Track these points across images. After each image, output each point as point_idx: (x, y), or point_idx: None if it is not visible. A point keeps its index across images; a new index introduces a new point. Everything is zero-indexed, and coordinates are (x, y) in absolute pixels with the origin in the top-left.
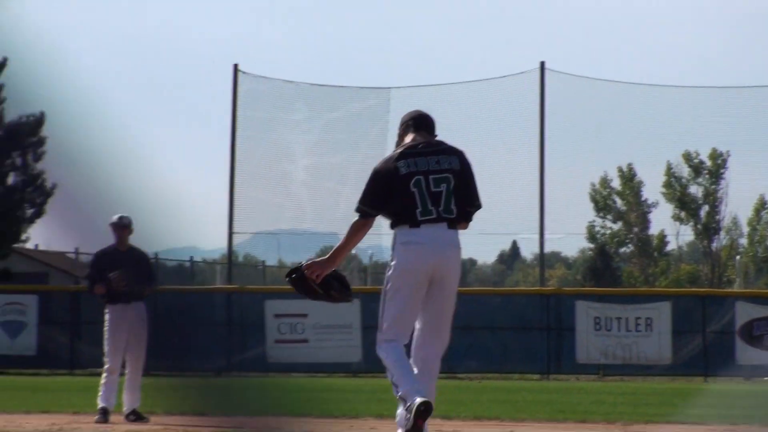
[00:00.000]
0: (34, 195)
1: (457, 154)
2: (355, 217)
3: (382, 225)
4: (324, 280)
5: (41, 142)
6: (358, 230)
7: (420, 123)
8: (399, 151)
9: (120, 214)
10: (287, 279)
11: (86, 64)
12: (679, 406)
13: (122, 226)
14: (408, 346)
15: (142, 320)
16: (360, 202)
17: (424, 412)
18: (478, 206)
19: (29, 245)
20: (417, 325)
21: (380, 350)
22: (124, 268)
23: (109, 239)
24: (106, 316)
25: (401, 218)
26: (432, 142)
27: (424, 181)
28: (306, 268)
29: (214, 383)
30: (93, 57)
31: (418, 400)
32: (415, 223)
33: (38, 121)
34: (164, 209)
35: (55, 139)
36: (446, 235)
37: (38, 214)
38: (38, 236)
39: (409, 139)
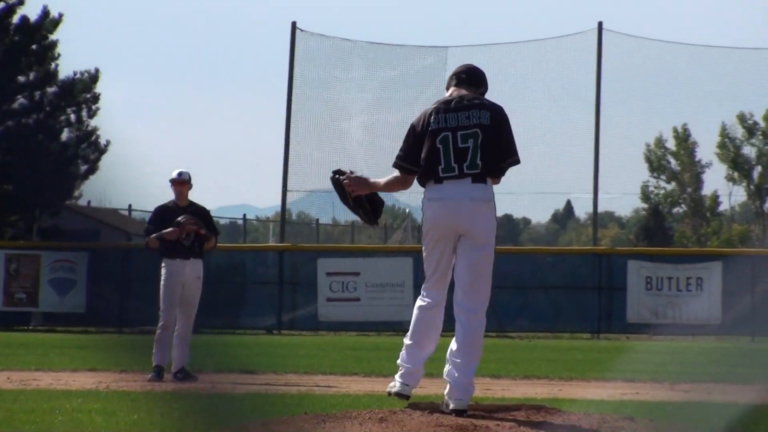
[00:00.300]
0: (88, 151)
1: (489, 109)
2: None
3: None
4: (358, 197)
5: (95, 98)
6: (395, 183)
7: (463, 77)
8: (434, 106)
9: (179, 170)
10: (331, 175)
11: (143, 22)
12: (726, 365)
13: (182, 182)
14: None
15: (198, 278)
16: (396, 157)
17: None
18: (513, 162)
19: (82, 202)
20: (455, 280)
21: (417, 302)
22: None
23: (164, 197)
24: (162, 271)
25: (427, 175)
26: (466, 96)
27: (452, 137)
28: (347, 178)
29: (264, 341)
30: (150, 16)
31: (394, 390)
32: (438, 180)
33: (93, 77)
34: (219, 168)
35: (110, 96)
36: (469, 190)
37: (91, 170)
38: (91, 193)
39: (449, 93)
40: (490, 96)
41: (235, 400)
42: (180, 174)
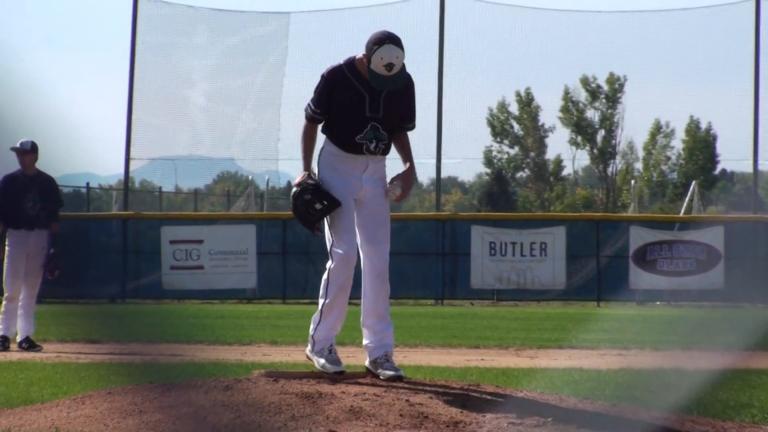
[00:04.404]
0: None
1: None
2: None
3: (278, 150)
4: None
5: None
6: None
7: None
8: None
9: (22, 140)
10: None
11: None
12: (571, 331)
13: (23, 151)
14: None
15: (41, 248)
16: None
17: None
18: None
19: None
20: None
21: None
22: (31, 192)
23: (14, 165)
24: (7, 242)
25: None
26: None
27: None
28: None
29: (108, 310)
30: None
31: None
32: None
33: None
34: (60, 135)
35: None
36: None
37: None
38: None
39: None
40: (334, 62)
41: (80, 370)
42: (22, 144)
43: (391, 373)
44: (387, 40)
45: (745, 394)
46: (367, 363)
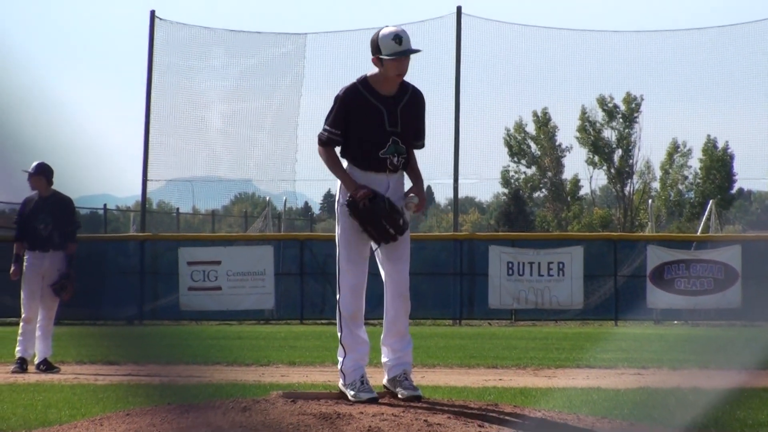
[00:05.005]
0: None
1: None
2: None
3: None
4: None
5: None
6: None
7: None
8: None
9: (35, 162)
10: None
11: None
12: (589, 350)
13: (31, 175)
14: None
15: (57, 270)
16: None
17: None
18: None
19: None
20: None
21: None
22: (43, 213)
23: (24, 187)
24: (24, 264)
25: None
26: None
27: None
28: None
29: (126, 332)
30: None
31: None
32: None
33: None
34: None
35: None
36: None
37: None
38: None
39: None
40: (347, 83)
41: (98, 391)
42: (33, 167)
43: (410, 392)
44: (383, 30)
45: (762, 413)
46: (385, 381)
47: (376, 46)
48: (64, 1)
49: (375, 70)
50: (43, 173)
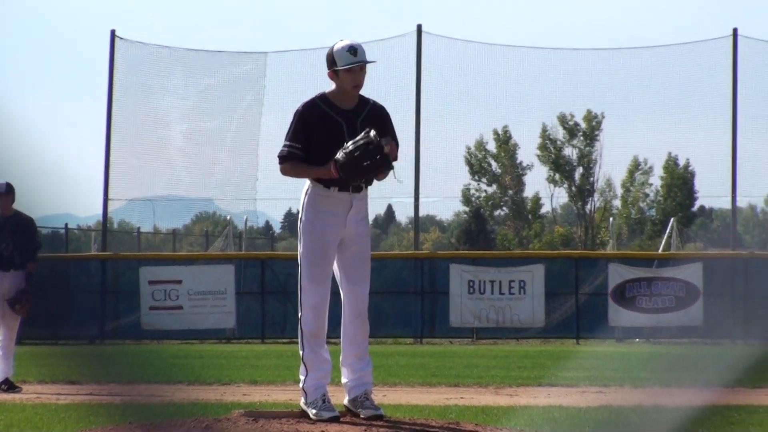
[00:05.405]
0: None
1: None
2: None
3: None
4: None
5: None
6: None
7: None
8: None
9: (0, 182)
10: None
11: None
12: (551, 368)
13: (1, 194)
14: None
15: (16, 289)
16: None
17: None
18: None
19: None
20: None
21: None
22: (4, 233)
23: None
24: None
25: None
26: None
27: None
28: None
29: (87, 351)
30: None
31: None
32: None
33: None
34: (39, 177)
35: None
36: None
37: None
38: None
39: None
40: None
41: (60, 410)
42: (1, 186)
43: (371, 411)
44: (338, 43)
45: (724, 431)
46: (346, 401)
47: (331, 60)
48: (25, 21)
49: (333, 87)
50: (12, 193)
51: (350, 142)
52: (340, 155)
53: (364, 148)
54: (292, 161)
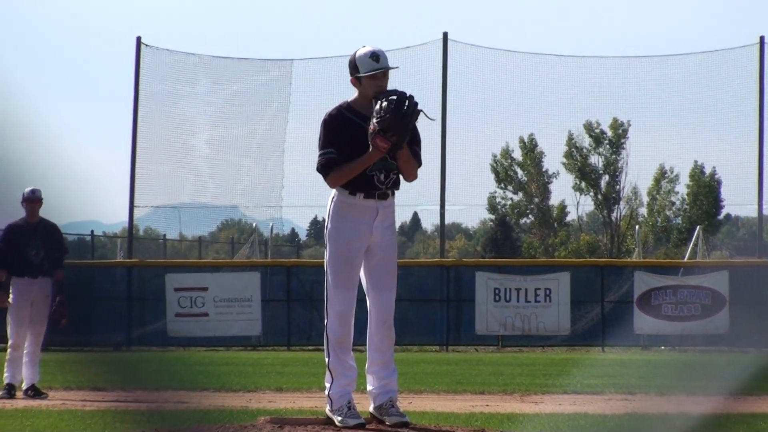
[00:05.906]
0: None
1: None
2: None
3: (282, 197)
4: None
5: None
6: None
7: None
8: None
9: (31, 188)
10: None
11: None
12: (576, 376)
13: (35, 200)
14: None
15: (46, 296)
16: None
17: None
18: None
19: None
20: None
21: None
22: (35, 240)
23: (18, 212)
24: (11, 290)
25: None
26: None
27: None
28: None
29: (113, 358)
30: None
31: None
32: None
33: None
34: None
35: None
36: None
37: None
38: None
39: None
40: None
41: (86, 417)
42: (32, 191)
43: (397, 419)
44: (360, 50)
45: None
46: (371, 408)
47: (354, 66)
48: (52, 30)
49: (356, 94)
50: (41, 199)
51: (374, 117)
52: (376, 126)
53: (390, 105)
54: (334, 168)
